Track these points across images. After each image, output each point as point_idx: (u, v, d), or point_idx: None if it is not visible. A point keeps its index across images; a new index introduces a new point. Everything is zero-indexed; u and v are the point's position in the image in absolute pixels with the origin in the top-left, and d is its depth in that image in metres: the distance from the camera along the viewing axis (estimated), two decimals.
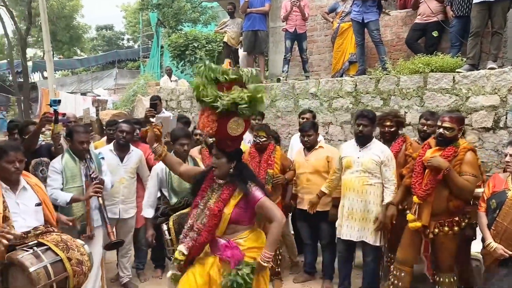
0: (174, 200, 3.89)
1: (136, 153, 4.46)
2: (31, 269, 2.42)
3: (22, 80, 21.16)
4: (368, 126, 3.92)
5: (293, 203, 4.69)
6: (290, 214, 4.97)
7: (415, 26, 6.56)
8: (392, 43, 7.15)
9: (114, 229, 4.43)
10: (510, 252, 3.11)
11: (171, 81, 10.92)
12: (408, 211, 3.68)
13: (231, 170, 2.83)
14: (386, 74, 5.95)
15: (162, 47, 15.40)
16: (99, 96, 19.72)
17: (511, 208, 3.11)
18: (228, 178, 2.84)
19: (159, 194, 4.07)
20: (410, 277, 3.61)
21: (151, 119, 3.32)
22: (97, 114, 5.67)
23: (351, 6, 6.79)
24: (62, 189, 3.67)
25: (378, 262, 4.12)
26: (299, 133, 4.96)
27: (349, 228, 3.96)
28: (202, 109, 2.68)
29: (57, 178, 3.69)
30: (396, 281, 3.61)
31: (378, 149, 3.91)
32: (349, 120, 6.05)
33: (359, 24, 6.58)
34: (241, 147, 4.89)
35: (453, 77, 5.26)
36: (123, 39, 35.16)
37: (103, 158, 4.07)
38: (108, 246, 3.76)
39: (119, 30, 35.12)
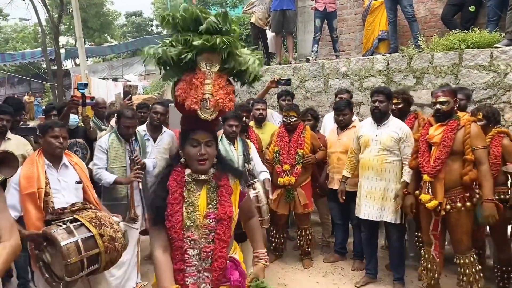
0: None
1: (168, 134, 4.54)
2: (62, 243, 2.47)
3: (55, 67, 21.71)
4: (384, 101, 3.88)
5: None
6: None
7: (451, 1, 6.31)
8: (425, 19, 6.91)
9: None
10: None
11: None
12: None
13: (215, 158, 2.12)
14: (419, 51, 5.77)
15: None
16: (130, 82, 20.03)
17: None
18: (215, 168, 2.12)
19: None
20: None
21: None
22: None
23: None
24: (106, 169, 3.82)
25: (402, 240, 4.08)
26: (331, 113, 4.90)
27: (368, 207, 3.94)
28: (202, 75, 1.92)
29: (103, 157, 3.84)
30: (428, 265, 3.54)
31: (396, 126, 3.87)
32: None
33: (392, 0, 6.38)
34: (271, 127, 4.95)
35: (491, 53, 5.05)
36: (152, 25, 35.41)
37: (148, 139, 4.23)
38: (143, 232, 3.89)
39: (147, 16, 35.42)
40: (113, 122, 4.32)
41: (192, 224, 1.99)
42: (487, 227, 3.78)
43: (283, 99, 5.24)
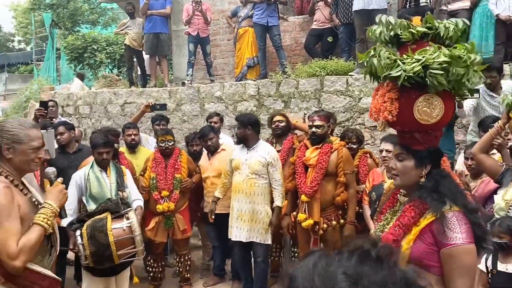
0: (92, 206, 3.70)
1: None
2: None
3: None
4: (240, 129, 4.07)
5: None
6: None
7: (311, 31, 6.91)
8: (291, 47, 7.46)
9: None
10: None
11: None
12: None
13: (422, 179, 1.86)
14: (286, 77, 6.19)
15: (58, 49, 14.41)
16: None
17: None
18: (416, 191, 1.87)
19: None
20: None
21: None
22: None
23: (251, 11, 6.89)
24: None
25: (267, 261, 4.28)
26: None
27: (238, 229, 4.06)
28: (377, 87, 1.92)
29: None
30: None
31: (264, 151, 4.06)
32: None
33: (263, 28, 6.70)
34: (145, 152, 4.83)
35: (347, 80, 5.65)
36: (13, 41, 32.22)
37: None
38: None
39: (8, 31, 32.12)
40: None
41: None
42: None
43: (157, 123, 5.16)
